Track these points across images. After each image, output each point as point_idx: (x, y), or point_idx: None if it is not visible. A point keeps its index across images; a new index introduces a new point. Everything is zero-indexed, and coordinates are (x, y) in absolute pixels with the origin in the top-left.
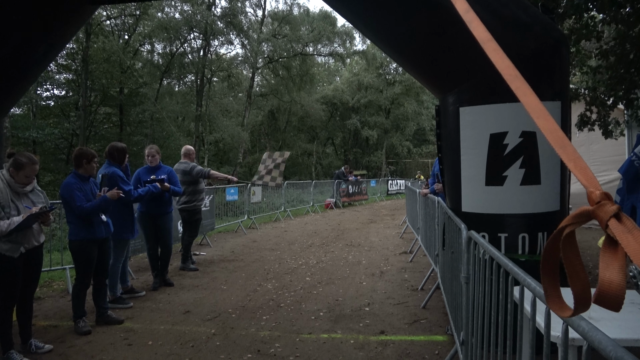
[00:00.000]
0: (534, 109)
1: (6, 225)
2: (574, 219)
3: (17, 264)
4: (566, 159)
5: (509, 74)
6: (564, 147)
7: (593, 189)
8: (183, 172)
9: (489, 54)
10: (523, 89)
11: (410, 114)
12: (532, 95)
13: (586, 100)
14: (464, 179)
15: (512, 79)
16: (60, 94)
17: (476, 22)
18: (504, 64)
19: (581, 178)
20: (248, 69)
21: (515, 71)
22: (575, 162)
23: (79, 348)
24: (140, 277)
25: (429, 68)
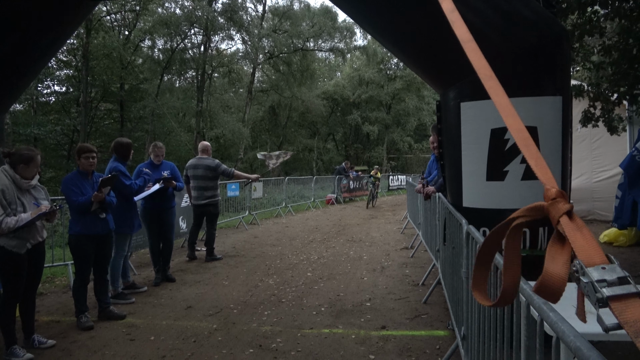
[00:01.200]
0: (504, 107)
1: (14, 222)
2: (526, 212)
3: (23, 260)
4: (528, 157)
5: (484, 74)
6: (527, 146)
7: (550, 187)
8: (207, 167)
9: (468, 53)
10: (495, 88)
11: (411, 109)
12: (504, 95)
13: (590, 97)
14: (465, 174)
15: (486, 79)
16: (61, 90)
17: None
18: (480, 64)
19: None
20: (249, 65)
21: (490, 71)
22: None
23: (82, 343)
24: (142, 273)
25: (430, 63)
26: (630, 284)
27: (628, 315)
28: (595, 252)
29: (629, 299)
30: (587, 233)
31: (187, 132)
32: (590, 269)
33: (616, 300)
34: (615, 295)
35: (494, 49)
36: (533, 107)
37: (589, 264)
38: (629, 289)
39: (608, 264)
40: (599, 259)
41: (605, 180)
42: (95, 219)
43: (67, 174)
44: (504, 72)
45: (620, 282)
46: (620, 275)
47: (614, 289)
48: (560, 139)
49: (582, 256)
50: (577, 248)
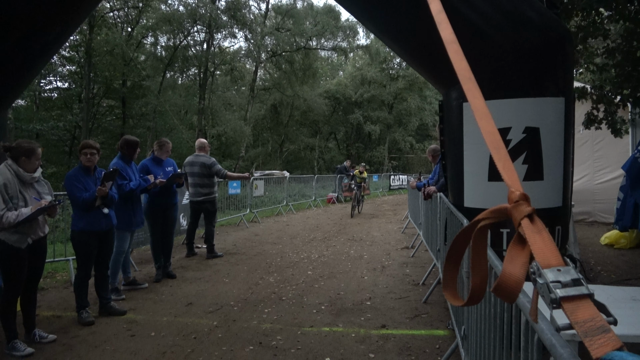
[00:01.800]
0: (480, 110)
1: (14, 217)
2: (491, 214)
3: (24, 255)
4: (497, 159)
5: (463, 76)
6: (498, 149)
7: (514, 189)
8: (203, 164)
9: (450, 54)
10: (473, 90)
11: (413, 109)
12: (480, 98)
13: (593, 99)
14: (467, 175)
15: (465, 80)
16: (64, 86)
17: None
18: (462, 66)
19: (506, 178)
20: (251, 63)
21: (470, 74)
22: (504, 164)
23: (82, 338)
24: (143, 269)
25: (433, 62)
26: (582, 286)
27: (579, 316)
28: (552, 254)
29: (580, 300)
30: (546, 236)
31: (188, 129)
32: (546, 271)
33: (568, 301)
34: (567, 296)
35: (497, 49)
36: (536, 107)
37: (546, 265)
38: (580, 291)
39: (564, 266)
40: (556, 261)
41: (607, 182)
42: (98, 214)
43: (70, 170)
44: (507, 72)
45: (574, 283)
46: (574, 277)
47: (567, 290)
48: (562, 140)
49: (539, 258)
50: (535, 250)
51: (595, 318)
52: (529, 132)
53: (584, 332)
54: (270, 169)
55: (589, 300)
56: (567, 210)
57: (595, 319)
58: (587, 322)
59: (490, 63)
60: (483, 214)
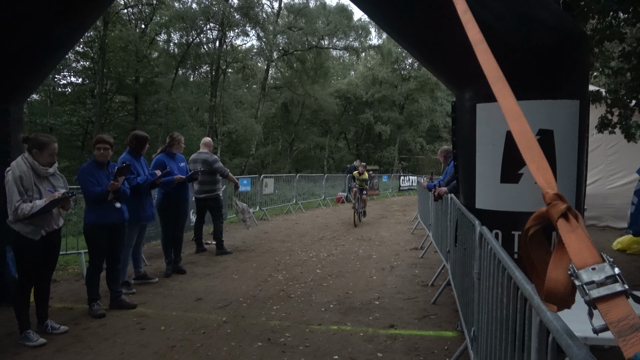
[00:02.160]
0: (510, 110)
1: (29, 208)
2: (535, 221)
3: (37, 246)
4: (530, 160)
5: (493, 76)
6: (531, 149)
7: (548, 190)
8: (205, 161)
9: (478, 55)
10: (504, 91)
11: (424, 110)
12: (511, 98)
13: (607, 103)
14: (479, 176)
15: (495, 81)
16: (77, 81)
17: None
18: (491, 66)
19: (540, 179)
20: (263, 61)
21: (499, 73)
22: (539, 164)
23: (93, 330)
24: (153, 264)
25: (446, 63)
26: (617, 283)
27: (612, 315)
28: (589, 252)
29: (613, 298)
30: (582, 233)
31: (199, 126)
32: (581, 272)
33: (602, 301)
34: (601, 297)
35: (511, 51)
36: (550, 110)
37: (581, 266)
38: (614, 288)
39: (600, 262)
40: (592, 259)
41: (620, 187)
42: (110, 208)
43: (84, 164)
44: (521, 74)
45: (608, 281)
46: (609, 274)
47: (600, 290)
48: (576, 143)
49: (575, 259)
50: (571, 251)
51: (629, 316)
52: (542, 135)
53: (618, 332)
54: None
55: (624, 298)
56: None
57: (629, 317)
58: (621, 321)
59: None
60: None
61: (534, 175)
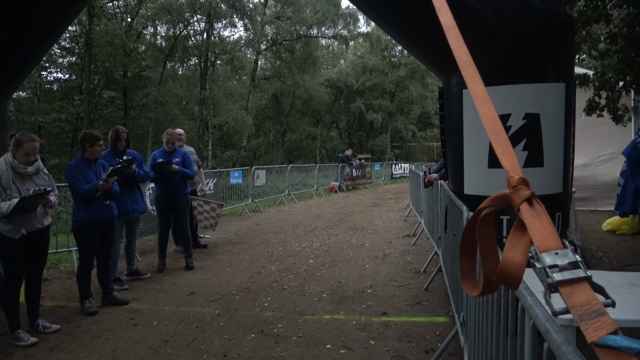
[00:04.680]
0: (479, 95)
1: (7, 207)
2: (492, 202)
3: (18, 245)
4: (496, 145)
5: (463, 61)
6: (497, 134)
7: (513, 174)
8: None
9: (450, 40)
10: (473, 76)
11: (415, 97)
12: (480, 84)
13: (595, 86)
14: (467, 162)
15: (465, 66)
16: (64, 77)
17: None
18: (462, 51)
19: (505, 163)
20: (252, 52)
21: (470, 59)
22: (504, 149)
23: (86, 328)
24: (146, 259)
25: (432, 49)
26: (579, 269)
27: (575, 299)
28: (551, 237)
29: (577, 283)
30: (545, 219)
31: (190, 119)
32: (544, 255)
33: (565, 285)
34: (564, 280)
35: (497, 35)
36: (536, 93)
37: (544, 249)
38: (577, 274)
39: (563, 249)
40: (554, 245)
41: (609, 169)
42: (98, 205)
43: (72, 161)
44: (507, 58)
45: (571, 266)
46: (572, 260)
47: (564, 274)
48: (563, 126)
49: (537, 242)
50: (534, 234)
51: (591, 301)
52: (529, 119)
53: (580, 316)
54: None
55: (586, 284)
56: (567, 197)
57: (592, 302)
58: (583, 305)
59: (490, 49)
60: (484, 202)
61: (500, 159)
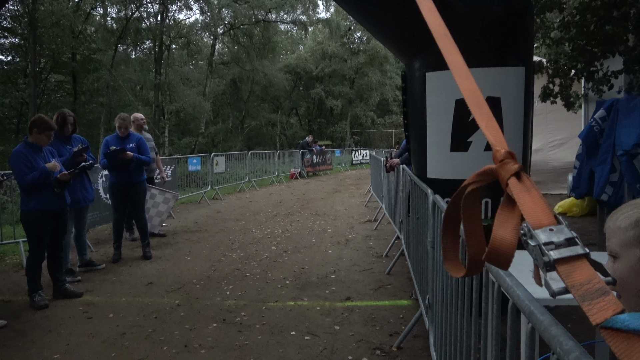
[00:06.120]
0: (457, 68)
1: None
2: (477, 177)
3: None
4: (479, 118)
5: (438, 32)
6: (479, 107)
7: (499, 148)
8: None
9: (424, 12)
10: (449, 47)
11: (374, 84)
12: (458, 55)
13: (548, 73)
14: (430, 145)
15: (440, 37)
16: (7, 59)
17: None
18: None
19: (490, 137)
20: (208, 36)
21: (445, 30)
22: (488, 122)
23: (36, 323)
24: (100, 250)
25: (395, 32)
26: (577, 245)
27: (575, 278)
28: (544, 213)
29: (576, 261)
30: (536, 194)
31: (145, 105)
32: (538, 232)
33: (563, 263)
34: (562, 258)
35: (459, 19)
36: (497, 77)
37: (537, 226)
38: (576, 251)
39: (557, 224)
40: (547, 220)
41: (559, 153)
42: (50, 193)
43: (16, 147)
44: (469, 42)
45: (568, 243)
46: (568, 237)
47: (561, 251)
48: (522, 110)
49: (529, 218)
50: (525, 210)
51: (592, 280)
52: (490, 102)
53: (582, 295)
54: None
55: (585, 261)
56: None
57: (593, 281)
58: (584, 284)
59: (453, 33)
60: (469, 178)
61: (484, 132)
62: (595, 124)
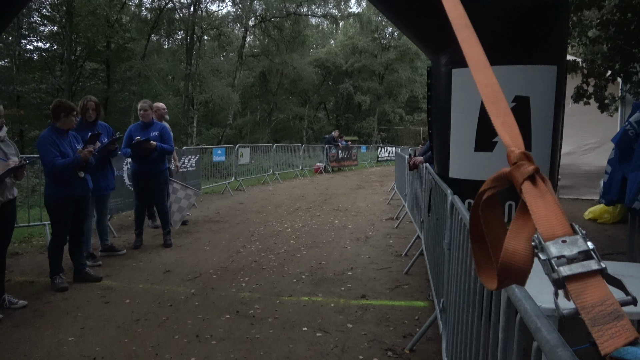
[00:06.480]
0: (476, 60)
1: None
2: (493, 183)
3: None
4: (495, 114)
5: (459, 24)
6: (496, 103)
7: (514, 148)
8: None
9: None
10: (470, 39)
11: (403, 80)
12: (478, 47)
13: (583, 73)
14: (453, 144)
15: (461, 29)
16: (45, 46)
17: None
18: (457, 13)
19: (505, 135)
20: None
21: (467, 21)
22: (504, 119)
23: (55, 305)
24: (122, 236)
25: (422, 26)
26: (592, 259)
27: (586, 298)
28: (558, 221)
29: (589, 278)
30: (551, 199)
31: (175, 95)
32: (549, 243)
33: (574, 281)
34: (572, 275)
35: (489, 14)
36: (527, 75)
37: (549, 237)
38: (589, 266)
39: (572, 235)
40: (562, 230)
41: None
42: (74, 179)
43: (43, 132)
44: (498, 38)
45: (581, 257)
46: (583, 249)
47: (573, 267)
48: (552, 110)
49: (541, 228)
50: (538, 218)
51: (605, 301)
52: (518, 101)
53: (592, 319)
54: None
55: (600, 278)
56: (553, 183)
57: (606, 302)
58: (596, 306)
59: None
60: (485, 183)
61: (498, 131)
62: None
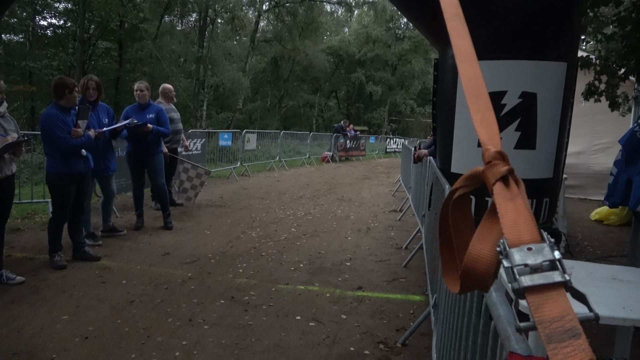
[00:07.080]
0: (463, 52)
1: None
2: (465, 182)
3: None
4: (475, 110)
5: (449, 12)
6: (478, 97)
7: (489, 146)
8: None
9: None
10: (459, 29)
11: (416, 72)
12: (467, 38)
13: (596, 70)
14: (456, 139)
15: (451, 17)
16: (59, 23)
17: None
18: (449, 1)
19: (482, 132)
20: (253, 13)
21: (458, 10)
22: (484, 114)
23: (52, 282)
24: (125, 216)
25: (430, 17)
26: (556, 270)
27: (545, 312)
28: (526, 227)
29: (549, 290)
30: (521, 203)
31: (186, 77)
32: (513, 250)
33: (534, 292)
34: (534, 286)
35: (498, 7)
36: (535, 71)
37: (515, 243)
38: (551, 278)
39: (539, 242)
40: (529, 237)
41: (603, 158)
42: (77, 157)
43: (47, 109)
44: (506, 31)
45: (545, 267)
46: (548, 258)
47: (534, 277)
48: (560, 108)
49: (508, 233)
50: (505, 222)
51: (565, 316)
52: (525, 98)
53: (548, 336)
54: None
55: (562, 291)
56: (557, 183)
57: (565, 318)
58: (555, 321)
59: (489, 21)
60: (458, 181)
61: (476, 127)
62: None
